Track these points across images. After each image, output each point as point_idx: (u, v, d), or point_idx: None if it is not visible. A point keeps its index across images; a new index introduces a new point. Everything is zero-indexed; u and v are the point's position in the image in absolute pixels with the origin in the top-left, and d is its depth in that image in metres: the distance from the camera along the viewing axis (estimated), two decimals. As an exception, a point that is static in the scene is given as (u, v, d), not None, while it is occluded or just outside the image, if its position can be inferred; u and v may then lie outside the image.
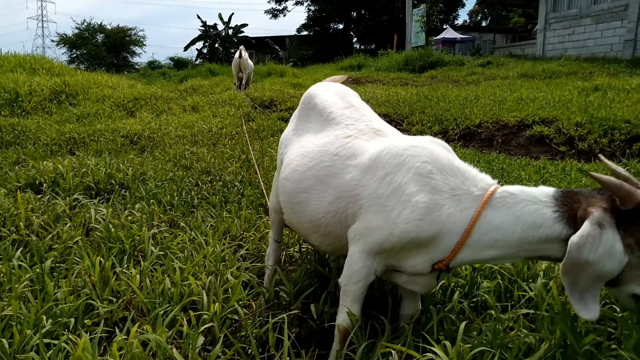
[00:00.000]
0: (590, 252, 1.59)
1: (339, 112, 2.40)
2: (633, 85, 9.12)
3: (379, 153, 2.04)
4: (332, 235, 2.18)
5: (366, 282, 2.02)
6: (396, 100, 9.75)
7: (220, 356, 1.94)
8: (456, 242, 1.86)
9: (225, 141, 6.77)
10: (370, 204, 1.97)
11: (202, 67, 22.42)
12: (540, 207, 1.76)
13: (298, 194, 2.27)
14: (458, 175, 1.90)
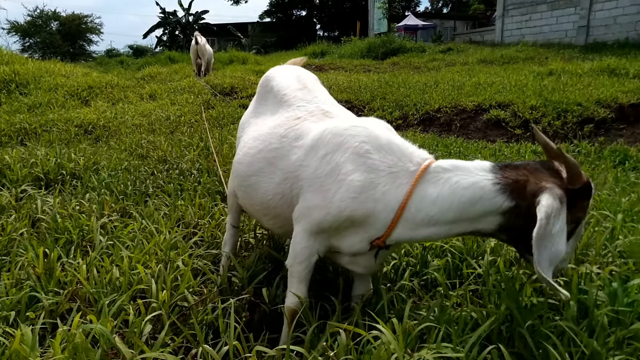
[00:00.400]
0: (554, 223, 1.61)
1: (292, 94, 2.39)
2: (585, 69, 9.41)
3: (321, 133, 2.04)
4: (282, 217, 2.18)
5: (310, 262, 2.02)
6: (358, 87, 9.76)
7: (169, 343, 1.91)
8: (392, 218, 1.86)
9: (184, 129, 6.64)
10: (310, 183, 1.98)
11: (162, 54, 21.88)
12: (477, 180, 1.77)
13: (249, 177, 2.26)
14: (396, 153, 1.92)
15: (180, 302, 2.14)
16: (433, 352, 1.62)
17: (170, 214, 3.16)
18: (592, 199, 1.76)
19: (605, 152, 5.71)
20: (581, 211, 1.74)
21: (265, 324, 2.20)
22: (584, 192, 1.71)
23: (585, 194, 1.72)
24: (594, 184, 1.77)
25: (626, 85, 7.70)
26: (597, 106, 7.03)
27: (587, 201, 1.74)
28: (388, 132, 2.03)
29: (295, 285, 2.06)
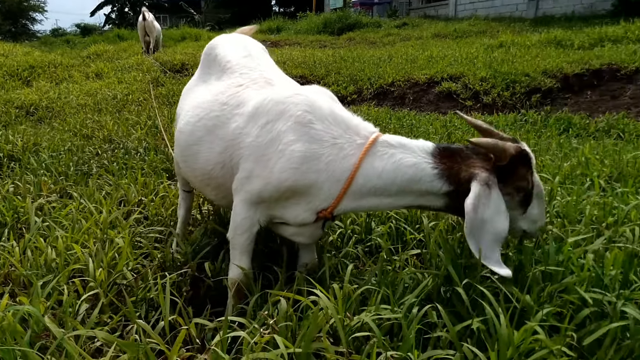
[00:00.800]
0: (484, 210, 1.69)
1: (236, 62, 2.32)
2: (533, 41, 9.63)
3: (262, 101, 1.99)
4: (224, 187, 2.14)
5: (251, 232, 2.00)
6: (312, 62, 9.66)
7: (108, 322, 1.86)
8: (338, 190, 1.87)
9: (132, 108, 6.42)
10: (250, 152, 1.94)
11: (111, 33, 20.96)
12: (419, 161, 1.82)
13: (190, 146, 2.20)
14: (340, 124, 1.90)
15: (120, 280, 2.08)
16: (372, 315, 1.64)
17: (112, 193, 3.05)
18: (531, 166, 1.81)
19: (551, 121, 5.90)
20: (521, 180, 1.80)
21: (210, 298, 2.17)
22: (517, 163, 1.77)
23: (519, 164, 1.78)
24: (528, 151, 1.81)
25: (571, 56, 7.93)
26: (543, 76, 7.22)
27: (523, 169, 1.80)
28: (331, 102, 2.01)
29: (238, 257, 2.03)
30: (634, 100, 6.65)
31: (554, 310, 1.69)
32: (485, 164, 1.78)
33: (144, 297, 2.02)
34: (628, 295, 1.84)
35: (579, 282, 1.85)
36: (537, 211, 1.89)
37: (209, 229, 2.53)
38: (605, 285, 1.89)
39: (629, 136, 5.36)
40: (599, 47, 8.58)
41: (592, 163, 3.77)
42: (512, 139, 1.84)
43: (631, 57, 7.36)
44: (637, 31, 9.02)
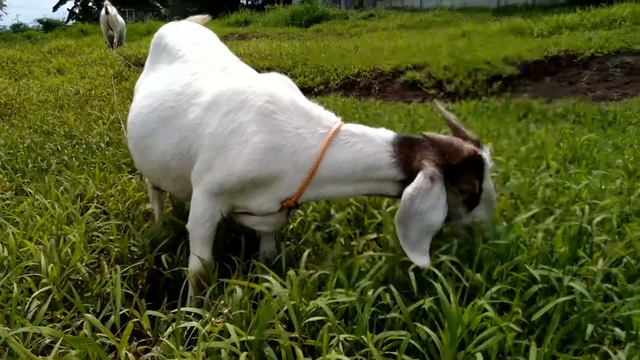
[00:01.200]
0: (420, 203, 1.72)
1: (187, 50, 2.27)
2: (495, 30, 9.82)
3: (222, 90, 1.97)
4: (182, 179, 2.11)
5: (212, 223, 1.99)
6: (280, 54, 9.62)
7: (61, 318, 1.82)
8: (302, 179, 1.88)
9: (94, 103, 6.27)
10: (211, 143, 1.92)
11: (74, 28, 20.38)
12: (379, 150, 1.85)
13: (144, 139, 2.15)
14: (302, 115, 1.91)
15: (75, 276, 2.04)
16: (327, 299, 1.65)
17: (70, 189, 2.98)
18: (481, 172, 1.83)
19: (511, 107, 6.03)
20: (467, 183, 1.82)
21: (170, 292, 2.15)
22: (468, 166, 1.80)
23: (469, 168, 1.81)
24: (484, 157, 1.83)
25: (530, 44, 8.11)
26: (504, 64, 7.37)
27: (471, 174, 1.81)
28: (291, 92, 2.00)
29: (199, 248, 2.02)
30: (590, 85, 6.86)
31: (505, 288, 1.74)
32: (437, 158, 1.80)
33: (99, 292, 1.99)
34: (576, 271, 1.91)
35: (529, 260, 1.91)
36: (481, 212, 1.92)
37: (167, 221, 2.50)
38: (556, 261, 1.96)
39: (584, 120, 5.53)
40: (557, 34, 8.81)
41: (548, 146, 3.88)
42: (476, 141, 1.86)
43: (587, 43, 7.57)
44: (592, 19, 9.29)
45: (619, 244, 2.05)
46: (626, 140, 4.30)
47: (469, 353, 1.47)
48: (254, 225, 2.09)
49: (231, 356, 1.46)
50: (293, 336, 1.51)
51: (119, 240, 2.24)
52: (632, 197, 2.64)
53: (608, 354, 1.44)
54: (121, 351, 1.42)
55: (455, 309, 1.51)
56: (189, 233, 2.03)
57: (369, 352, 1.48)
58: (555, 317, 1.60)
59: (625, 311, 1.62)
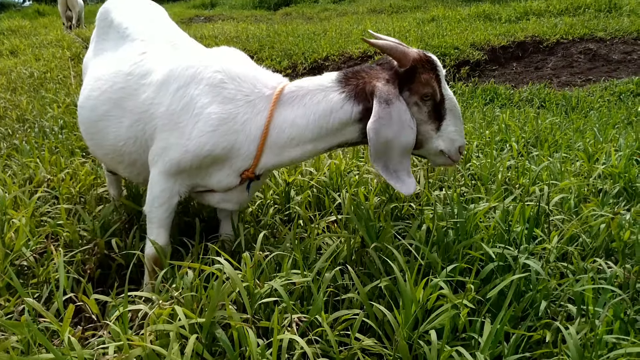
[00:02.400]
0: (386, 130, 1.64)
1: (136, 28, 2.17)
2: (463, 15, 9.85)
3: (172, 67, 1.89)
4: (139, 163, 2.03)
5: (170, 204, 1.92)
6: (246, 37, 9.44)
7: (5, 305, 1.73)
8: (256, 147, 1.82)
9: (49, 86, 6.01)
10: (165, 122, 1.84)
11: (29, 8, 19.53)
12: (327, 93, 1.77)
13: (95, 123, 2.06)
14: (251, 80, 1.84)
15: (19, 262, 1.94)
16: (283, 281, 1.61)
17: (18, 173, 2.84)
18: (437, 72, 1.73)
19: (478, 92, 6.07)
20: (425, 86, 1.71)
21: (121, 277, 2.07)
22: (421, 68, 1.71)
23: (422, 69, 1.71)
24: (433, 57, 1.75)
25: (498, 29, 8.18)
26: (472, 49, 7.41)
27: (427, 75, 1.71)
28: (242, 60, 1.94)
29: (155, 231, 1.95)
30: (555, 71, 6.97)
31: (461, 267, 1.73)
32: (386, 74, 1.72)
33: (47, 278, 1.90)
34: (532, 250, 1.92)
35: (487, 239, 1.91)
36: (453, 128, 1.79)
37: (120, 204, 2.41)
38: (514, 240, 1.96)
39: (549, 105, 5.61)
40: (524, 20, 8.90)
41: (512, 129, 3.92)
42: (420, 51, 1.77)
43: (552, 29, 7.68)
44: (558, 5, 9.42)
45: (575, 223, 2.07)
46: (587, 125, 4.39)
47: (424, 331, 1.46)
48: (218, 203, 2.02)
49: (181, 339, 1.41)
50: (245, 317, 1.46)
51: (69, 224, 2.14)
52: (591, 179, 2.68)
53: (560, 330, 1.44)
54: (63, 335, 1.34)
55: (410, 287, 1.49)
56: (146, 216, 1.95)
57: (324, 331, 1.45)
58: (510, 294, 1.61)
59: (578, 288, 1.63)
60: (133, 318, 1.66)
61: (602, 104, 5.52)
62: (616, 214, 2.07)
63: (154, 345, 1.34)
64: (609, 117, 4.74)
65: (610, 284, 1.68)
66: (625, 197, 2.50)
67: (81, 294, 1.68)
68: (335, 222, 2.19)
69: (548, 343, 1.48)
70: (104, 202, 2.60)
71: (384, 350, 1.45)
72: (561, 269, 1.88)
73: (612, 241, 2.00)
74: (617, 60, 6.93)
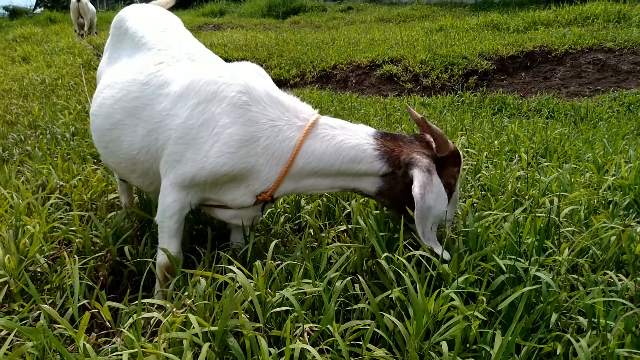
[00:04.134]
0: (429, 197, 1.73)
1: (151, 37, 2.19)
2: (471, 24, 9.87)
3: (192, 80, 1.90)
4: (151, 172, 2.04)
5: (181, 215, 1.93)
6: (255, 45, 9.51)
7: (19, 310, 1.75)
8: (278, 172, 1.85)
9: (61, 92, 6.09)
10: (180, 134, 1.85)
11: (41, 15, 19.80)
12: (361, 142, 1.83)
13: (109, 131, 2.07)
14: (277, 105, 1.86)
15: (33, 268, 1.96)
16: (294, 290, 1.62)
17: (31, 179, 2.88)
18: (461, 167, 1.90)
19: (486, 101, 6.07)
20: (451, 177, 1.87)
21: (131, 284, 2.09)
22: (452, 160, 1.85)
23: (452, 161, 1.85)
24: (461, 154, 1.90)
25: (506, 39, 8.19)
26: (480, 59, 7.42)
27: (455, 168, 1.87)
28: (264, 82, 1.96)
29: (167, 241, 1.96)
30: (564, 81, 6.96)
31: (472, 278, 1.74)
32: (426, 151, 1.83)
33: (59, 284, 1.92)
34: (542, 262, 1.92)
35: (498, 251, 1.91)
36: (450, 215, 1.94)
37: (132, 212, 2.43)
38: (524, 252, 1.96)
39: (558, 115, 5.61)
40: (533, 30, 8.90)
41: (521, 140, 3.92)
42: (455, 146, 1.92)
43: (561, 39, 7.68)
44: (566, 15, 9.42)
45: (585, 235, 2.07)
46: (597, 135, 4.38)
47: (436, 342, 1.46)
48: (229, 219, 2.04)
49: (194, 347, 1.42)
50: (257, 326, 1.47)
51: (81, 231, 2.16)
52: (600, 191, 2.68)
53: (571, 342, 1.44)
54: (78, 341, 1.36)
55: (422, 298, 1.49)
56: (158, 225, 1.97)
57: (335, 341, 1.46)
58: (521, 306, 1.61)
59: (589, 300, 1.63)
60: (145, 325, 1.68)
61: (611, 114, 5.50)
62: (627, 227, 2.06)
63: (167, 352, 1.35)
64: (619, 128, 4.73)
65: (621, 296, 1.68)
66: (635, 209, 2.50)
67: (94, 300, 1.71)
68: (345, 231, 2.20)
69: (559, 355, 1.48)
70: (115, 208, 2.63)
71: (395, 361, 1.45)
72: (572, 281, 1.88)
73: (622, 254, 2.00)
74: (626, 70, 6.92)
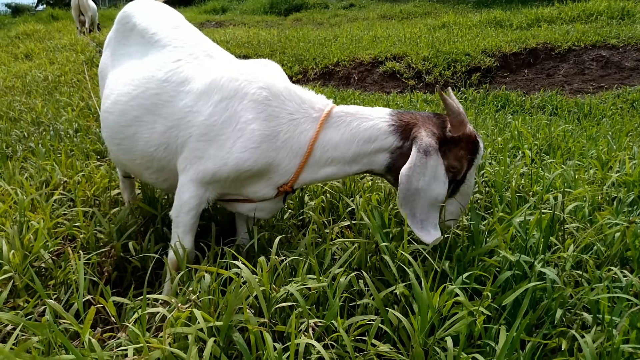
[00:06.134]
0: (419, 180, 1.70)
1: (165, 34, 2.19)
2: (474, 21, 9.84)
3: (214, 77, 1.91)
4: (167, 169, 2.04)
5: (197, 211, 1.94)
6: (257, 42, 9.50)
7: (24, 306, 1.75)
8: (297, 164, 1.87)
9: (64, 89, 6.09)
10: (203, 132, 1.86)
11: (44, 12, 19.81)
12: (376, 122, 1.83)
13: (124, 128, 2.06)
14: (295, 99, 1.88)
15: (38, 263, 1.96)
16: (298, 285, 1.62)
17: (35, 176, 2.88)
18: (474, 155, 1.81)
19: (489, 98, 6.06)
20: (456, 159, 1.80)
21: (135, 279, 2.10)
22: (464, 144, 1.78)
23: (464, 146, 1.79)
24: (480, 141, 1.82)
25: (509, 36, 8.16)
26: (483, 55, 7.40)
27: (464, 151, 1.79)
28: (283, 77, 1.98)
29: (182, 236, 1.96)
30: (567, 78, 6.94)
31: (476, 274, 1.73)
32: (435, 129, 1.79)
33: (64, 280, 1.92)
34: (547, 258, 1.92)
35: (503, 247, 1.91)
36: (454, 208, 1.90)
37: (136, 208, 2.43)
38: (530, 248, 1.96)
39: (561, 112, 5.59)
40: (536, 27, 8.87)
41: (524, 136, 3.91)
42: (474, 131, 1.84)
43: (564, 36, 7.65)
44: (569, 12, 9.38)
45: (589, 232, 2.06)
46: (600, 132, 4.37)
47: (440, 338, 1.46)
48: (249, 211, 2.05)
49: (199, 342, 1.42)
50: (262, 322, 1.48)
51: (85, 227, 2.17)
52: (605, 187, 2.67)
53: (575, 338, 1.44)
54: (84, 336, 1.36)
55: (426, 294, 1.49)
56: (173, 220, 1.97)
57: (340, 337, 1.46)
58: (525, 302, 1.60)
59: (593, 296, 1.62)
60: (150, 321, 1.68)
61: (614, 111, 5.48)
62: (631, 223, 2.06)
63: (173, 347, 1.36)
64: (622, 124, 4.71)
65: (625, 292, 1.67)
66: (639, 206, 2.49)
67: (98, 295, 1.71)
68: (348, 227, 2.19)
69: (564, 351, 1.48)
70: (119, 204, 2.63)
71: (400, 356, 1.45)
72: (576, 277, 1.87)
73: (627, 250, 1.99)
74: (630, 67, 6.89)
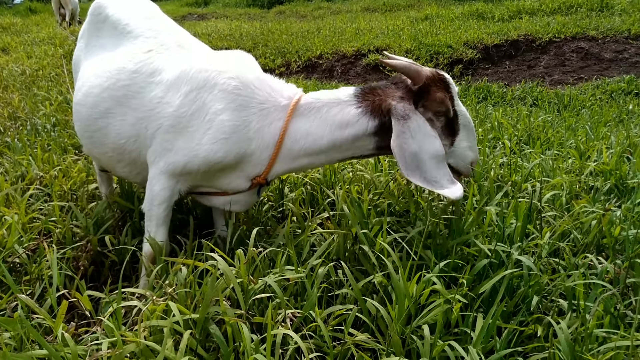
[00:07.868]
0: (410, 144, 1.67)
1: (137, 24, 2.15)
2: (456, 13, 9.88)
3: (184, 68, 1.88)
4: (139, 162, 2.01)
5: (169, 203, 1.92)
6: (239, 35, 9.42)
7: None
8: (269, 155, 1.84)
9: (42, 84, 5.97)
10: (173, 123, 1.83)
11: (21, 5, 19.39)
12: (343, 106, 1.80)
13: (95, 120, 2.02)
14: (265, 88, 1.85)
15: (11, 259, 1.93)
16: (277, 277, 1.61)
17: (10, 171, 2.83)
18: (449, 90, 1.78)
19: (471, 90, 6.09)
20: (437, 104, 1.75)
21: (112, 273, 2.07)
22: (434, 86, 1.75)
23: (436, 87, 1.75)
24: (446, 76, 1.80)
25: (491, 28, 8.21)
26: (465, 47, 7.44)
27: (440, 92, 1.75)
28: (255, 67, 1.95)
29: (154, 229, 1.94)
30: (548, 69, 7.01)
31: (454, 263, 1.74)
32: (400, 92, 1.76)
33: (39, 275, 1.89)
34: (524, 246, 1.94)
35: (481, 236, 1.92)
36: (466, 144, 1.85)
37: (113, 202, 2.40)
38: (508, 236, 1.98)
39: (541, 103, 5.65)
40: (517, 19, 8.94)
41: (504, 127, 3.94)
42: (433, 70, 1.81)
43: (545, 28, 7.72)
44: (550, 4, 9.47)
45: (566, 219, 2.09)
46: (579, 123, 4.42)
47: (418, 326, 1.47)
48: (223, 205, 2.02)
49: (175, 335, 1.41)
50: (239, 313, 1.47)
51: (61, 221, 2.13)
52: (582, 176, 2.70)
53: (551, 324, 1.46)
54: (56, 331, 1.34)
55: (404, 282, 1.50)
56: (145, 213, 1.95)
57: (317, 327, 1.45)
58: (502, 290, 1.62)
59: (569, 283, 1.64)
60: (127, 314, 1.66)
61: (593, 102, 5.56)
62: (607, 211, 2.09)
63: (148, 341, 1.34)
64: (601, 115, 4.78)
65: (601, 279, 1.70)
66: (616, 194, 2.53)
67: (74, 290, 1.68)
68: (328, 218, 2.19)
69: (540, 337, 1.49)
70: (96, 199, 2.60)
71: (378, 345, 1.45)
72: (553, 265, 1.90)
73: (603, 237, 2.02)
74: (608, 59, 6.98)
